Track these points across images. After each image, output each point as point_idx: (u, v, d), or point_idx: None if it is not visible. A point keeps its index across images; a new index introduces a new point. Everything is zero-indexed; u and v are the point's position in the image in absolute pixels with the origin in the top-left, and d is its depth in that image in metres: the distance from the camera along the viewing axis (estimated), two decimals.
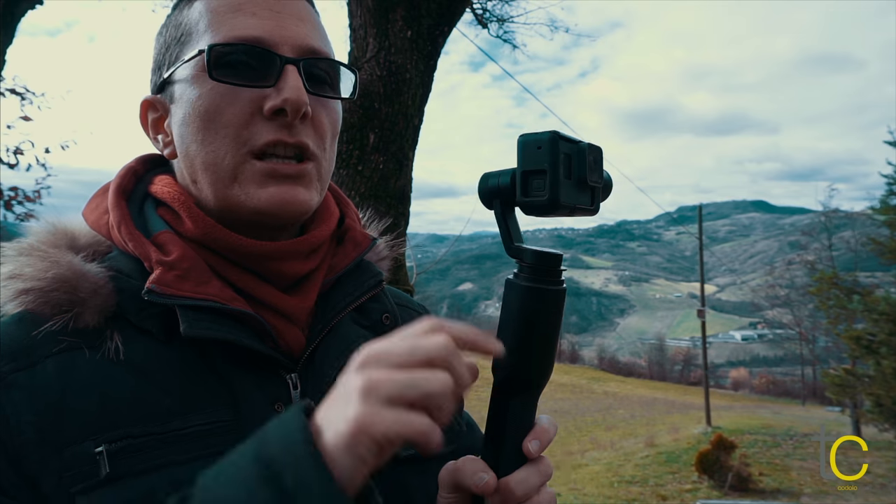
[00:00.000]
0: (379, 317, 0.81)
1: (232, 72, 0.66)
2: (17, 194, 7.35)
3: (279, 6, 0.70)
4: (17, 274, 0.66)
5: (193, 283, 0.65)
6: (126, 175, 0.76)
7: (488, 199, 0.66)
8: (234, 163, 0.67)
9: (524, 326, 0.61)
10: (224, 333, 0.64)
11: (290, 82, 0.66)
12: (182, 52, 0.70)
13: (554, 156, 0.59)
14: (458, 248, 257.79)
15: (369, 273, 0.80)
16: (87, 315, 0.64)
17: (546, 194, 0.60)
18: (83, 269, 0.66)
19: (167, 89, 0.73)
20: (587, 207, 0.64)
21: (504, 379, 0.62)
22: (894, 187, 12.09)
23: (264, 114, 0.66)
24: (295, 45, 0.69)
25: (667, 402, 30.89)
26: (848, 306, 12.55)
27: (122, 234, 0.69)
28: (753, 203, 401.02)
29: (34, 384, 0.61)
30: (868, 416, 12.41)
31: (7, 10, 4.94)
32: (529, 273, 0.62)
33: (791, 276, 30.78)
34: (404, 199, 3.50)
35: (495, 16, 7.16)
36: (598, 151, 0.64)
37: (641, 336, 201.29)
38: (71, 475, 0.58)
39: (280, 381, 0.68)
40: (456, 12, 3.66)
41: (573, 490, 10.54)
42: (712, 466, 10.10)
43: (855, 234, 18.35)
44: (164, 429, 0.61)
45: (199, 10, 0.70)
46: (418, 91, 3.50)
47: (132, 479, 0.58)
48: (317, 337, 0.72)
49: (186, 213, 0.70)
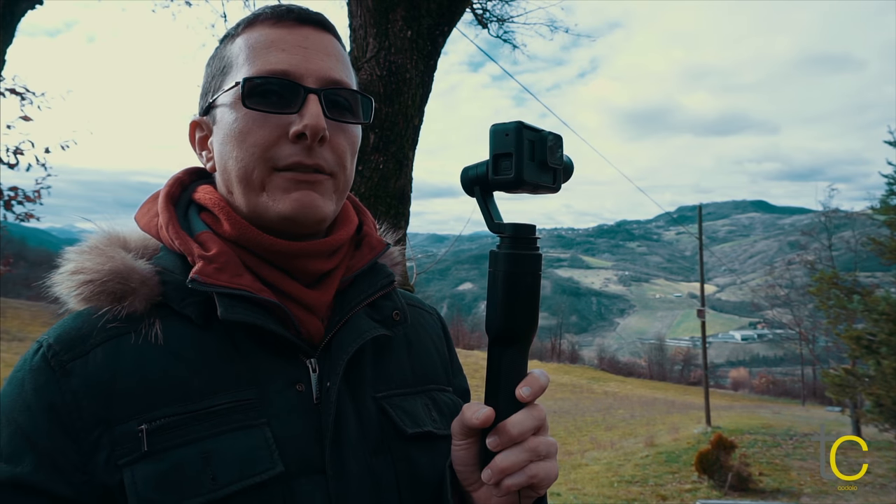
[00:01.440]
0: (390, 313, 0.91)
1: (262, 100, 0.77)
2: (17, 194, 7.36)
3: (307, 42, 0.80)
4: (80, 269, 0.77)
5: (229, 275, 0.75)
6: (174, 184, 0.88)
7: (469, 186, 0.77)
8: (261, 176, 0.77)
9: (507, 288, 0.72)
10: (254, 318, 0.74)
11: (311, 110, 0.77)
12: (224, 81, 0.82)
13: (518, 141, 0.71)
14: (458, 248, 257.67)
15: (383, 274, 0.90)
16: (136, 302, 0.75)
17: (512, 173, 0.71)
18: (133, 264, 0.78)
19: (211, 113, 0.84)
20: (549, 185, 0.75)
21: (495, 335, 0.73)
22: (894, 187, 12.08)
23: (289, 137, 0.77)
24: (318, 77, 0.79)
25: (667, 402, 30.88)
26: (848, 306, 12.54)
27: (169, 234, 0.80)
28: (753, 203, 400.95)
29: (87, 371, 0.71)
30: (868, 416, 12.40)
31: (7, 9, 4.94)
32: (509, 242, 0.73)
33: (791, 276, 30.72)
34: (404, 199, 3.50)
35: (495, 16, 7.16)
36: (558, 139, 0.75)
37: (641, 336, 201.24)
38: (119, 450, 0.68)
39: (300, 364, 0.78)
40: (456, 12, 3.66)
41: (573, 490, 10.53)
42: (712, 466, 10.10)
43: (855, 234, 18.31)
44: (195, 407, 0.71)
45: (239, 45, 0.82)
46: (418, 91, 3.50)
47: (166, 454, 0.68)
48: (334, 327, 0.82)
49: (225, 216, 0.81)
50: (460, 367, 1.03)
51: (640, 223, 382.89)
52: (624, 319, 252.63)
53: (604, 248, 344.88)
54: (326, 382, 0.78)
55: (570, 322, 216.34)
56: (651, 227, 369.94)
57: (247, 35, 0.81)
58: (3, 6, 4.86)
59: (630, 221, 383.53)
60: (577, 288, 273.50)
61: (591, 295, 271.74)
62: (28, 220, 7.49)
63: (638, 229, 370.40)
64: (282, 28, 0.80)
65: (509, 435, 0.70)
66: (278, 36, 0.80)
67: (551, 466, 0.73)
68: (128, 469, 0.67)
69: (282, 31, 0.80)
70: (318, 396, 0.77)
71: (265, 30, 0.81)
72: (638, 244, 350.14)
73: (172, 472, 0.67)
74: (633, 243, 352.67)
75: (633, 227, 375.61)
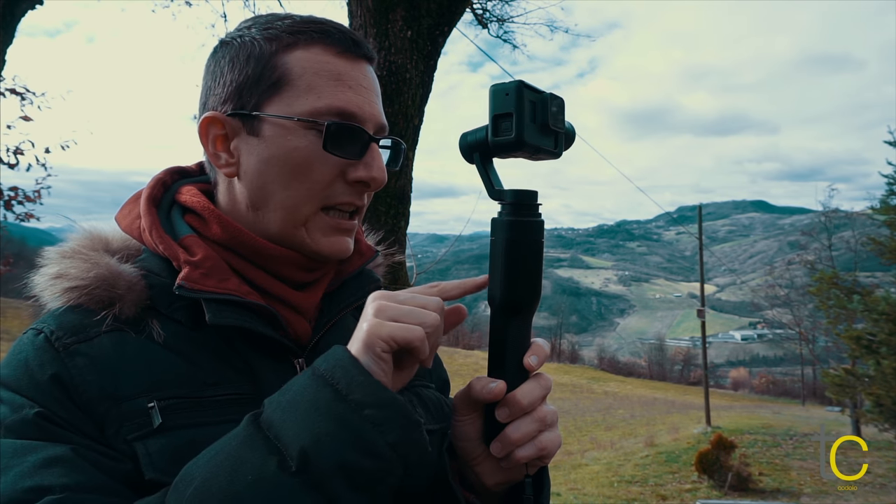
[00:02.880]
0: None
1: (336, 143, 0.77)
2: (17, 194, 7.36)
3: (366, 82, 0.80)
4: (63, 274, 0.76)
5: (216, 280, 0.75)
6: (156, 185, 0.86)
7: (468, 152, 0.75)
8: (308, 212, 0.78)
9: (509, 256, 0.70)
10: (242, 322, 0.74)
11: (376, 161, 0.79)
12: (277, 94, 0.77)
13: (519, 101, 0.68)
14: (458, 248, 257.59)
15: (370, 279, 0.92)
16: (125, 308, 0.74)
17: (513, 133, 0.68)
18: (119, 268, 0.77)
19: (250, 122, 0.78)
20: (551, 150, 0.72)
21: (498, 305, 0.71)
22: (894, 187, 12.08)
23: (346, 180, 0.78)
24: (375, 123, 0.80)
25: (667, 402, 30.88)
26: (848, 306, 12.53)
27: (153, 238, 0.79)
28: (753, 203, 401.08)
29: (93, 352, 0.71)
30: (868, 416, 12.40)
31: (7, 10, 4.94)
32: (510, 209, 0.70)
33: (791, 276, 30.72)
34: (404, 199, 3.50)
35: (495, 16, 7.16)
36: (560, 101, 0.72)
37: (641, 336, 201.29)
38: (129, 425, 0.68)
39: (289, 365, 0.79)
40: (456, 12, 3.66)
41: (573, 490, 10.53)
42: (712, 466, 10.10)
43: (855, 234, 18.30)
44: (200, 394, 0.72)
45: (300, 64, 0.77)
46: (418, 91, 3.51)
47: (179, 430, 0.69)
48: (322, 328, 0.83)
49: (214, 219, 0.80)
50: (439, 359, 1.05)
51: (640, 223, 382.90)
52: (624, 319, 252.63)
53: (604, 248, 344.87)
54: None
55: (570, 322, 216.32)
56: (651, 227, 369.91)
57: (309, 54, 0.77)
58: (4, 6, 4.86)
59: (630, 221, 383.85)
60: (577, 288, 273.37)
61: (591, 295, 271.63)
62: (28, 220, 7.49)
63: (638, 229, 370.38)
64: (346, 60, 0.79)
65: (520, 405, 0.70)
66: (344, 69, 0.78)
67: (557, 436, 0.73)
68: (139, 443, 0.68)
69: (347, 65, 0.79)
70: None
71: (330, 56, 0.78)
72: (638, 244, 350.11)
73: (186, 448, 0.68)
74: (633, 243, 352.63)
75: (633, 227, 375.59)
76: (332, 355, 0.65)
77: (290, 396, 0.62)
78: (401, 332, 0.64)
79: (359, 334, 0.65)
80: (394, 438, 0.60)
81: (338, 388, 0.61)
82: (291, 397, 0.62)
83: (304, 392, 0.62)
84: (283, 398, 0.63)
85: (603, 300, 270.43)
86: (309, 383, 0.62)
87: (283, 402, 0.62)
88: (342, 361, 0.63)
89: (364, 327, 0.65)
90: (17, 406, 0.67)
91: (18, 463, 0.62)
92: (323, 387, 0.61)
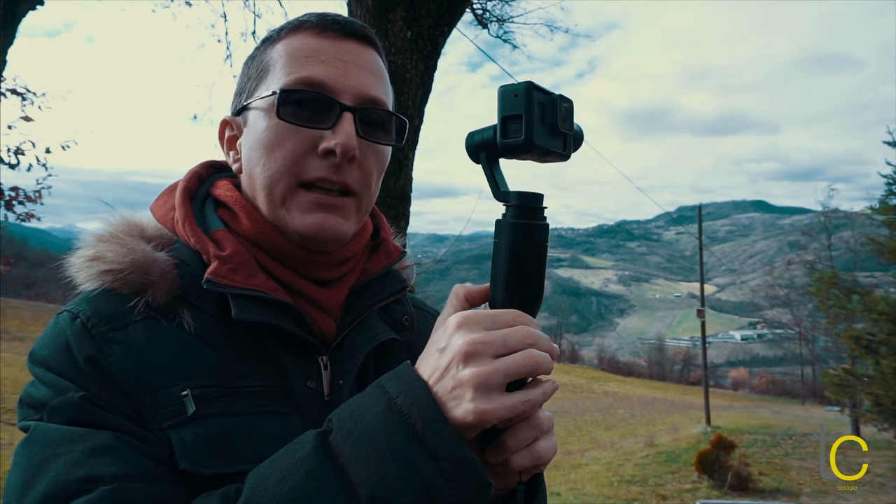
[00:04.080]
0: (400, 318, 0.93)
1: (296, 112, 0.76)
2: (18, 194, 7.36)
3: (348, 56, 0.80)
4: (99, 256, 0.78)
5: (243, 276, 0.76)
6: (192, 178, 0.88)
7: (474, 152, 0.73)
8: (285, 189, 0.77)
9: (512, 259, 0.68)
10: (267, 318, 0.75)
11: (344, 128, 0.76)
12: (260, 85, 0.81)
13: (529, 102, 0.67)
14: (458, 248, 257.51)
15: (396, 279, 0.92)
16: (157, 295, 0.75)
17: (522, 135, 0.67)
18: (154, 256, 0.78)
19: (243, 115, 0.83)
20: (559, 152, 0.71)
21: (502, 307, 0.69)
22: (894, 187, 12.08)
23: (318, 152, 0.76)
24: (355, 94, 0.78)
25: (666, 402, 30.88)
26: (847, 306, 12.53)
27: (185, 230, 0.80)
28: (753, 203, 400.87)
29: (128, 341, 0.72)
30: (868, 416, 12.40)
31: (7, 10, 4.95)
32: (515, 211, 0.69)
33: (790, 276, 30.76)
34: (404, 199, 3.51)
35: (495, 16, 7.17)
36: (569, 103, 0.71)
37: (641, 336, 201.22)
38: (163, 413, 0.69)
39: (313, 361, 0.79)
40: (456, 13, 3.67)
41: (573, 489, 10.53)
42: (712, 466, 10.10)
43: (854, 234, 18.32)
44: (231, 384, 0.73)
45: (279, 51, 0.80)
46: (418, 91, 3.51)
47: (212, 420, 0.70)
48: (347, 327, 0.83)
49: (245, 214, 0.81)
50: None
51: (639, 223, 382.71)
52: (624, 319, 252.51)
53: (604, 248, 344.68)
54: (339, 380, 0.80)
55: (570, 322, 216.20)
56: (651, 227, 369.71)
57: (288, 41, 0.80)
58: (4, 7, 4.87)
59: (630, 221, 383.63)
60: (577, 288, 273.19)
61: (591, 295, 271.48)
62: (28, 220, 7.49)
63: (638, 229, 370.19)
64: (325, 38, 0.79)
65: (520, 413, 0.69)
66: (320, 46, 0.79)
67: (553, 444, 0.72)
68: (174, 431, 0.68)
69: (324, 42, 0.79)
70: (329, 393, 0.79)
71: (308, 38, 0.79)
72: (638, 244, 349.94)
73: (219, 438, 0.69)
74: (633, 243, 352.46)
75: (633, 227, 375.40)
76: (408, 387, 0.62)
77: (363, 429, 0.61)
78: (518, 364, 0.62)
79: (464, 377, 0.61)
80: (464, 497, 0.59)
81: (414, 431, 0.59)
82: (364, 430, 0.60)
83: (377, 428, 0.60)
84: (354, 427, 0.61)
85: (603, 300, 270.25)
86: (384, 419, 0.60)
87: (356, 433, 0.61)
88: (420, 401, 0.61)
89: (468, 372, 0.60)
90: (62, 388, 0.68)
91: (66, 451, 0.63)
92: (398, 427, 0.60)
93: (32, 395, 0.70)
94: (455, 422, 0.60)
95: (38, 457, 0.64)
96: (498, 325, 0.64)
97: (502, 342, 0.62)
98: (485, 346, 0.61)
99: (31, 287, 40.02)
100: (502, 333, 0.63)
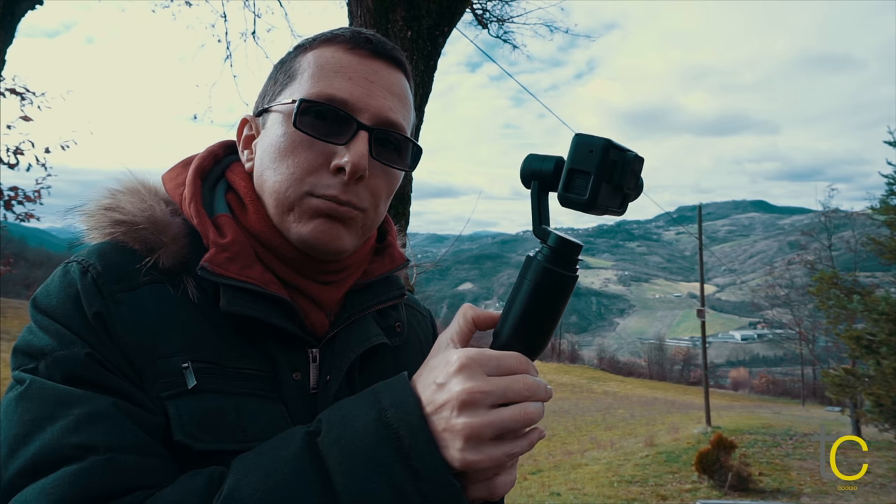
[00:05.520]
0: (393, 323, 0.93)
1: (313, 124, 0.76)
2: (17, 194, 7.36)
3: (375, 76, 0.80)
4: (116, 207, 0.78)
5: (239, 266, 0.76)
6: (207, 157, 0.88)
7: (528, 178, 0.71)
8: (294, 197, 0.77)
9: (534, 302, 0.67)
10: (255, 312, 0.74)
11: (357, 147, 0.76)
12: (284, 90, 0.81)
13: (602, 162, 0.64)
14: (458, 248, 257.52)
15: (396, 285, 0.93)
16: (165, 258, 0.75)
17: (586, 195, 0.65)
18: (170, 219, 0.79)
19: (263, 116, 0.84)
20: (616, 209, 0.69)
21: (506, 343, 0.68)
22: (894, 187, 12.07)
23: (329, 168, 0.77)
24: (375, 115, 0.78)
25: (666, 402, 30.87)
26: (848, 306, 12.52)
27: (190, 209, 0.80)
28: (753, 203, 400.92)
29: (135, 304, 0.72)
30: (868, 416, 12.39)
31: (7, 10, 4.94)
32: (550, 255, 0.67)
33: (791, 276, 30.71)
34: (404, 199, 3.50)
35: (495, 16, 7.16)
36: (641, 163, 0.68)
37: (641, 336, 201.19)
38: (163, 382, 0.69)
39: (302, 353, 0.80)
40: (456, 13, 3.66)
41: (573, 490, 10.53)
42: (712, 466, 10.09)
43: (855, 234, 18.31)
44: (226, 364, 0.73)
45: (308, 60, 0.81)
46: (418, 91, 3.51)
47: (209, 395, 0.70)
48: (341, 324, 0.84)
49: (254, 208, 0.81)
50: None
51: (639, 223, 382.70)
52: (624, 319, 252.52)
53: (604, 248, 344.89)
54: (327, 376, 0.80)
55: (570, 322, 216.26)
56: (651, 227, 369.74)
57: (319, 52, 0.81)
58: (4, 7, 4.86)
59: (630, 221, 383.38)
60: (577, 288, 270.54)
61: (591, 295, 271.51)
62: (28, 220, 7.49)
63: (638, 229, 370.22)
64: (354, 55, 0.80)
65: None
66: (348, 62, 0.79)
67: (512, 479, 0.70)
68: (172, 402, 0.68)
69: (353, 59, 0.80)
70: (316, 387, 0.79)
71: (338, 52, 0.80)
72: (638, 244, 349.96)
73: (213, 414, 0.69)
74: (633, 243, 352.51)
75: (633, 227, 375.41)
76: (401, 401, 0.63)
77: (351, 436, 0.61)
78: (512, 419, 0.62)
79: (456, 426, 0.61)
80: None
81: (400, 447, 0.60)
82: (352, 438, 0.61)
83: (365, 437, 0.61)
84: (343, 433, 0.62)
85: (603, 300, 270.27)
86: (372, 429, 0.61)
87: (343, 439, 0.61)
88: (410, 417, 0.61)
89: (461, 421, 0.60)
90: (67, 341, 0.67)
91: (63, 414, 0.63)
92: (385, 441, 0.60)
93: (31, 342, 0.69)
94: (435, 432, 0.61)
95: (33, 414, 0.63)
96: (501, 370, 0.64)
97: (502, 393, 0.62)
98: (483, 397, 0.61)
99: (31, 287, 40.14)
100: (503, 385, 0.62)
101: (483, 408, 0.61)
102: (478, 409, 0.61)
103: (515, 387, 0.63)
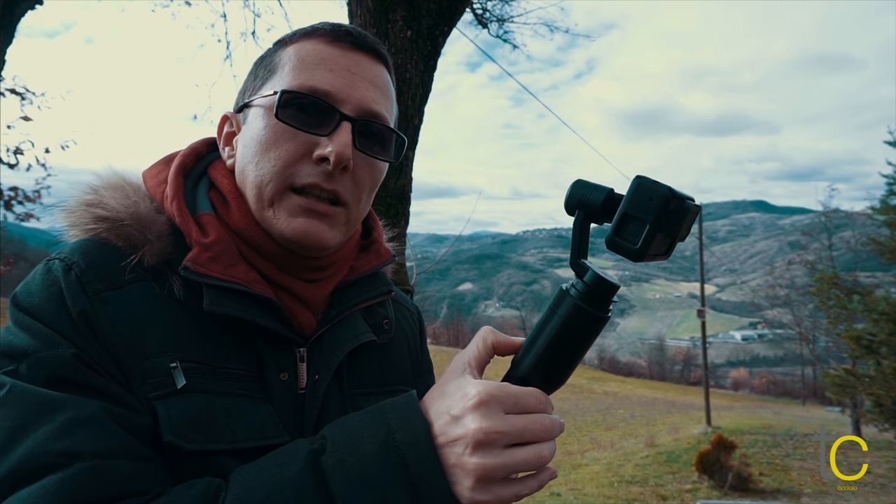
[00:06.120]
0: (381, 320, 0.92)
1: (295, 115, 0.75)
2: (17, 194, 7.35)
3: (357, 68, 0.79)
4: (99, 203, 0.76)
5: (223, 266, 0.75)
6: (190, 154, 0.86)
7: (573, 206, 0.67)
8: (274, 191, 0.76)
9: (561, 339, 0.65)
10: (239, 312, 0.73)
11: (340, 137, 0.75)
12: (264, 84, 0.80)
13: (660, 212, 0.60)
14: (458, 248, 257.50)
15: (383, 282, 0.92)
16: (149, 256, 0.74)
17: (638, 245, 0.61)
18: (155, 216, 0.77)
19: (244, 112, 0.83)
20: (662, 255, 0.66)
21: (525, 375, 0.66)
22: (894, 187, 12.08)
23: (312, 158, 0.76)
24: (357, 106, 0.78)
25: (667, 402, 30.87)
26: (848, 306, 12.53)
27: (173, 207, 0.78)
28: (753, 203, 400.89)
29: (121, 302, 0.70)
30: (868, 416, 12.40)
31: (7, 10, 4.94)
32: (585, 293, 0.64)
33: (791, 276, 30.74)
34: (404, 199, 3.49)
35: (495, 16, 7.15)
36: (697, 212, 0.65)
37: (641, 336, 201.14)
38: (151, 383, 0.68)
39: (290, 353, 0.78)
40: (456, 12, 3.66)
41: (573, 490, 10.52)
42: (712, 466, 10.09)
43: (855, 234, 18.32)
44: (215, 363, 0.72)
45: (289, 54, 0.80)
46: (418, 91, 3.50)
47: (198, 395, 0.69)
48: (328, 322, 0.83)
49: (237, 206, 0.80)
50: (430, 367, 1.04)
51: None
52: (624, 319, 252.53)
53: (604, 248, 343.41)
54: (315, 375, 0.79)
55: None
56: None
57: (300, 45, 0.80)
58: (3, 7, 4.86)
59: None
60: None
61: None
62: (28, 220, 7.48)
63: None
64: (335, 48, 0.79)
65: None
66: (329, 55, 0.79)
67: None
68: (161, 403, 0.67)
69: (334, 51, 0.79)
70: (304, 387, 0.78)
71: (319, 45, 0.79)
72: None
73: (203, 415, 0.68)
74: None
75: None
76: (410, 424, 0.62)
77: (357, 459, 0.60)
78: (525, 462, 0.61)
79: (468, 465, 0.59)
80: None
81: (408, 474, 0.59)
82: (357, 461, 0.60)
83: (371, 462, 0.60)
84: (348, 455, 0.61)
85: None
86: (379, 453, 0.60)
87: (349, 462, 0.60)
88: (419, 443, 0.60)
89: (474, 461, 0.59)
90: (52, 342, 0.65)
91: (48, 420, 0.60)
92: (392, 467, 0.59)
93: (12, 343, 0.65)
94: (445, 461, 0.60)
95: (15, 421, 0.60)
96: (519, 409, 0.62)
97: (518, 434, 0.61)
98: (499, 437, 0.60)
99: None
100: (521, 426, 0.61)
101: (498, 448, 0.60)
102: (492, 449, 0.60)
103: (533, 428, 0.61)
